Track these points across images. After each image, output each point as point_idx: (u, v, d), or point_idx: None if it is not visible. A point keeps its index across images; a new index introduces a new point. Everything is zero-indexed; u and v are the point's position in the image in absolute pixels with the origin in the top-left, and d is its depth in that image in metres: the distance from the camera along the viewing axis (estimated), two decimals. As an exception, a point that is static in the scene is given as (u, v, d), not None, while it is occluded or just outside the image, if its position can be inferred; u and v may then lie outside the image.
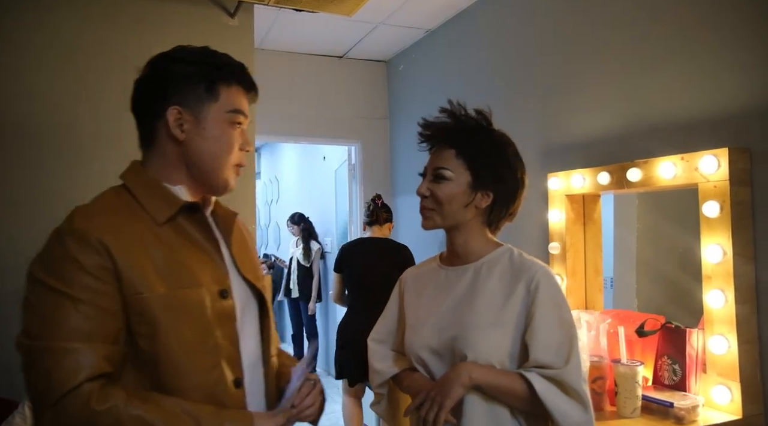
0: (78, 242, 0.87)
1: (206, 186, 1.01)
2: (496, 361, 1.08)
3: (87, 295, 0.85)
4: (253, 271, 1.06)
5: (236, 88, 1.00)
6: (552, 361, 1.05)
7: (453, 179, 1.13)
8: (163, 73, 0.97)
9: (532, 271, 1.11)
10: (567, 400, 1.04)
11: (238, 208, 2.31)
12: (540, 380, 1.04)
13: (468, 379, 1.05)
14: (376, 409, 1.33)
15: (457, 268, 1.19)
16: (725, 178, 1.53)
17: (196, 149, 0.97)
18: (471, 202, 1.13)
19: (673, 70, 1.80)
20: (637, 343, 1.72)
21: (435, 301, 1.18)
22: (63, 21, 2.06)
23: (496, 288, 1.12)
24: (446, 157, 1.14)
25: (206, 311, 0.93)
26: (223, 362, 0.94)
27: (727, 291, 1.53)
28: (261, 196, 7.17)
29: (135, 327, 0.89)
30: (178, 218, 0.97)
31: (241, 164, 1.02)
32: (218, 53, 1.01)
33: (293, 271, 5.04)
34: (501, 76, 2.68)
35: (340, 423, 3.71)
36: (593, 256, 2.13)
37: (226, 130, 0.98)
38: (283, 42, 3.45)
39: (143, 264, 0.89)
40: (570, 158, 2.20)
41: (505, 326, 1.09)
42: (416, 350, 1.17)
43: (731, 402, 1.51)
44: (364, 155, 3.80)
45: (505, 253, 1.17)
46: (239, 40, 2.35)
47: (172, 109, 0.95)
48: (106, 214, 0.92)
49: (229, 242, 1.04)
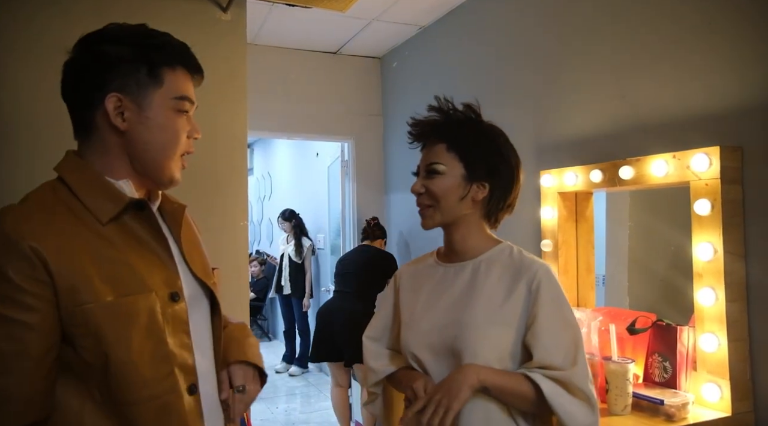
0: (6, 250, 0.78)
1: (150, 179, 0.93)
2: (494, 361, 1.06)
3: (12, 312, 0.77)
4: (203, 268, 1.00)
5: (181, 71, 0.91)
6: (558, 362, 1.03)
7: (446, 173, 1.11)
8: (97, 56, 0.87)
9: (533, 269, 1.09)
10: (574, 402, 1.02)
11: (229, 203, 2.31)
12: (546, 382, 1.02)
13: (476, 381, 1.03)
14: (370, 408, 1.30)
15: (455, 265, 1.17)
16: (716, 177, 1.54)
17: (139, 140, 0.88)
18: (467, 194, 1.11)
19: (666, 68, 1.81)
20: (628, 340, 1.72)
21: (432, 299, 1.16)
22: (52, 16, 2.03)
23: (496, 286, 1.10)
24: (438, 151, 1.13)
25: (157, 317, 0.86)
26: (177, 369, 0.88)
27: (717, 289, 1.53)
28: (254, 192, 7.14)
29: (78, 340, 0.81)
30: (124, 216, 0.88)
31: (188, 152, 0.95)
32: (157, 32, 0.92)
33: (284, 268, 5.03)
34: (494, 73, 2.67)
35: (332, 419, 3.72)
36: (585, 254, 2.14)
37: (171, 117, 0.90)
38: (276, 37, 3.43)
39: (86, 270, 0.82)
40: (562, 156, 2.20)
41: (505, 325, 1.07)
42: (412, 349, 1.14)
43: (721, 399, 1.52)
44: (357, 152, 3.79)
45: (505, 250, 1.15)
46: (232, 35, 2.33)
47: (110, 96, 0.86)
48: (41, 216, 0.83)
49: (179, 238, 0.97)
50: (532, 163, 2.37)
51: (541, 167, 2.25)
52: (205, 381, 0.95)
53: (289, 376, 4.96)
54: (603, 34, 2.05)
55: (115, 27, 0.91)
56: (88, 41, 0.90)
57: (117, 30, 0.90)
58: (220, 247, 2.18)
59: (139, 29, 0.91)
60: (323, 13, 2.95)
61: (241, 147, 2.29)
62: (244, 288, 2.30)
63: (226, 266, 2.16)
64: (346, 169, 3.89)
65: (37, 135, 1.96)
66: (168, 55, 0.90)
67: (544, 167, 2.23)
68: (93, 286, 0.82)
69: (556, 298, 1.08)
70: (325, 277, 5.00)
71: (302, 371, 5.03)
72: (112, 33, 0.89)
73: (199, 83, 0.97)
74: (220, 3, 2.31)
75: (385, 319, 1.28)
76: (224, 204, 2.22)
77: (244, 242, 2.28)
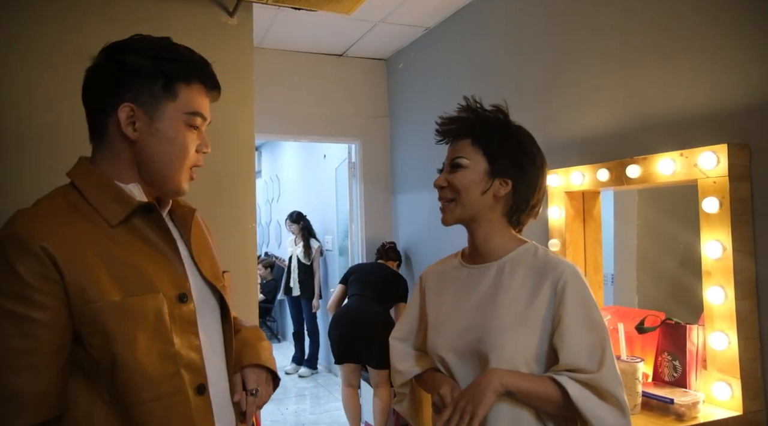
0: (17, 249, 0.80)
1: (157, 188, 0.95)
2: (521, 363, 1.05)
3: (25, 309, 0.79)
4: (212, 271, 1.01)
5: (197, 87, 0.93)
6: (585, 364, 1.02)
7: (469, 166, 1.11)
8: (117, 65, 0.89)
9: (559, 270, 1.07)
10: (602, 405, 1.01)
11: (238, 206, 2.32)
12: (573, 385, 1.00)
13: (500, 385, 1.02)
14: (398, 408, 1.30)
15: (479, 266, 1.16)
16: (724, 174, 1.53)
17: (147, 150, 0.90)
18: (489, 189, 1.10)
19: (673, 66, 1.80)
20: (637, 339, 1.72)
21: (457, 301, 1.15)
22: (59, 20, 2.06)
23: (521, 287, 1.09)
24: (462, 146, 1.13)
25: (164, 318, 0.88)
26: (183, 370, 0.89)
27: (727, 287, 1.53)
28: (262, 194, 7.18)
29: (87, 338, 0.83)
30: (133, 219, 0.90)
31: (197, 165, 0.96)
32: (179, 46, 0.93)
33: (293, 270, 5.05)
34: (500, 73, 2.67)
35: (341, 420, 3.73)
36: (593, 253, 2.13)
37: (182, 131, 0.92)
38: (282, 40, 3.44)
39: (95, 270, 0.83)
40: (569, 155, 2.20)
41: (531, 327, 1.06)
42: (438, 351, 1.14)
43: (732, 398, 1.51)
44: (364, 153, 3.80)
45: (529, 250, 1.14)
46: (238, 39, 2.35)
47: (124, 105, 0.88)
48: (52, 217, 0.85)
49: (188, 241, 0.98)
50: (538, 162, 2.37)
51: (547, 167, 2.24)
52: (216, 382, 0.96)
53: (299, 377, 4.97)
54: (609, 32, 2.05)
55: (138, 38, 0.93)
56: (112, 50, 0.92)
57: (140, 41, 0.92)
58: (228, 250, 2.20)
59: (161, 42, 0.93)
60: (329, 16, 2.97)
61: (248, 150, 2.30)
62: (253, 290, 2.31)
63: (234, 269, 2.17)
64: (354, 171, 3.90)
65: (39, 138, 1.98)
66: (185, 70, 0.92)
67: (550, 167, 2.21)
68: (101, 285, 0.84)
69: (582, 299, 1.06)
70: (334, 278, 5.01)
71: (311, 372, 5.04)
72: (135, 44, 0.92)
73: (216, 99, 0.98)
74: (227, 7, 2.32)
75: (411, 321, 1.28)
76: (232, 207, 2.24)
77: (252, 245, 2.29)
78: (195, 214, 1.04)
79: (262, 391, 1.02)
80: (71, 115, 2.06)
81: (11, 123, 1.97)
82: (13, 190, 1.88)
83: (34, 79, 1.99)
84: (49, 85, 2.01)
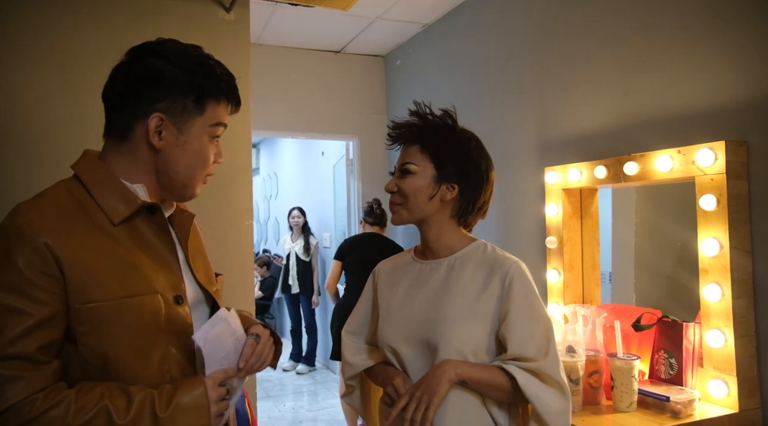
0: (19, 242, 0.80)
1: (172, 193, 0.97)
2: (468, 353, 1.10)
3: (23, 304, 0.79)
4: (206, 275, 1.03)
5: (224, 102, 0.96)
6: (531, 354, 1.08)
7: (418, 173, 1.15)
8: (151, 72, 0.90)
9: (506, 266, 1.13)
10: (547, 390, 1.08)
11: (234, 203, 2.31)
12: (521, 373, 1.07)
13: (454, 375, 1.07)
14: (347, 400, 1.35)
15: (430, 262, 1.21)
16: (722, 172, 1.53)
17: (171, 159, 0.92)
18: (435, 194, 1.15)
19: (670, 63, 1.80)
20: (634, 337, 1.72)
21: (409, 294, 1.20)
22: (55, 18, 2.05)
23: (470, 282, 1.14)
24: (411, 152, 1.18)
25: (160, 319, 0.88)
26: (176, 372, 0.90)
27: (723, 285, 1.52)
28: (260, 191, 7.17)
29: (81, 337, 0.83)
30: (135, 219, 0.91)
31: (209, 174, 0.99)
32: (212, 61, 0.95)
33: (292, 267, 5.04)
34: (497, 70, 2.67)
35: (339, 417, 3.73)
36: (590, 251, 2.13)
37: (205, 143, 0.94)
38: (279, 37, 3.43)
39: (96, 269, 0.84)
40: (567, 152, 2.20)
41: (480, 319, 1.11)
42: (389, 342, 1.18)
43: (728, 396, 1.51)
44: (361, 150, 3.80)
45: (479, 247, 1.19)
46: (235, 35, 2.34)
47: (154, 115, 0.89)
48: (56, 213, 0.85)
49: (185, 246, 1.00)
50: (536, 159, 2.36)
51: (545, 164, 2.24)
52: None
53: (297, 374, 4.97)
54: (606, 29, 2.04)
55: (172, 45, 0.93)
56: (145, 53, 0.92)
57: (174, 50, 0.92)
58: (225, 247, 2.19)
59: (195, 54, 0.94)
60: (326, 13, 2.96)
61: (245, 147, 2.30)
62: (249, 287, 2.31)
63: (231, 266, 2.16)
64: (351, 168, 3.90)
65: (41, 137, 1.97)
66: (216, 87, 0.94)
67: (548, 164, 2.22)
68: (102, 285, 0.84)
69: (527, 294, 1.12)
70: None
71: (309, 369, 5.04)
72: (170, 52, 0.92)
73: (235, 113, 1.00)
74: (224, 3, 2.31)
75: (363, 315, 1.32)
76: (229, 204, 2.23)
77: (249, 241, 2.28)
78: (194, 220, 1.06)
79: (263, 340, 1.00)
80: (66, 112, 2.06)
81: (5, 121, 1.95)
82: (11, 187, 1.87)
83: (28, 76, 1.98)
84: (43, 82, 2.00)
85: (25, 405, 0.78)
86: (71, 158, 0.97)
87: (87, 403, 0.80)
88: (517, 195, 2.49)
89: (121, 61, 0.93)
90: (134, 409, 0.81)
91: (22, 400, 0.77)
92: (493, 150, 1.24)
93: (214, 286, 1.04)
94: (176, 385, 0.87)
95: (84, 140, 1.08)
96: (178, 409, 0.84)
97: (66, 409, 0.79)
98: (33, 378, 0.79)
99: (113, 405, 0.80)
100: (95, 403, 0.80)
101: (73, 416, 0.79)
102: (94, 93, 2.17)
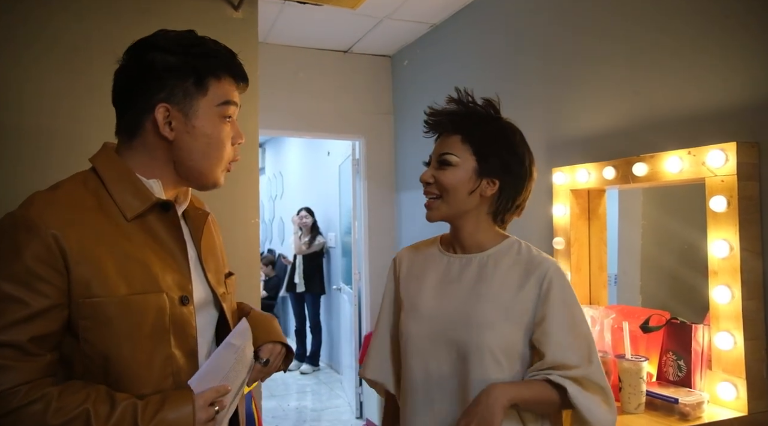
0: (28, 233, 0.80)
1: (194, 183, 0.95)
2: (502, 357, 1.05)
3: (24, 295, 0.78)
4: (216, 276, 1.01)
5: (227, 79, 0.93)
6: (574, 361, 1.03)
7: (458, 165, 1.09)
8: (146, 66, 0.89)
9: (544, 267, 1.08)
10: (593, 399, 1.03)
11: (241, 201, 2.31)
12: (570, 384, 1.02)
13: (507, 402, 1.00)
14: None
15: (460, 257, 1.15)
16: (733, 173, 1.52)
17: (185, 148, 0.90)
18: (476, 189, 1.09)
19: (680, 63, 1.78)
20: (642, 338, 1.70)
21: (438, 291, 1.14)
22: (65, 16, 2.05)
23: (505, 282, 1.09)
24: (452, 142, 1.11)
25: (164, 319, 0.87)
26: (178, 372, 0.88)
27: (733, 286, 1.51)
28: (265, 191, 7.18)
29: (83, 332, 0.82)
30: (148, 215, 0.90)
31: (235, 159, 0.96)
32: (205, 40, 0.93)
33: (298, 266, 5.05)
34: (505, 70, 2.66)
35: (343, 417, 3.73)
36: (598, 252, 2.12)
37: (217, 126, 0.92)
38: (287, 36, 3.43)
39: (103, 264, 0.83)
40: (575, 153, 2.19)
41: (514, 322, 1.06)
42: (414, 338, 1.13)
43: (737, 399, 1.50)
44: (368, 150, 3.79)
45: (513, 245, 1.14)
46: (244, 34, 2.34)
47: (160, 106, 0.88)
48: (68, 205, 0.85)
49: (198, 244, 0.98)
50: (544, 160, 2.35)
51: (553, 164, 2.23)
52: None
53: (301, 373, 4.98)
54: (616, 29, 2.03)
55: (162, 35, 0.92)
56: (137, 49, 0.91)
57: (165, 38, 0.91)
58: (231, 245, 2.18)
59: (187, 37, 0.92)
60: (334, 12, 2.96)
61: (252, 145, 2.30)
62: (255, 285, 2.31)
63: (237, 264, 2.16)
64: (357, 168, 3.89)
65: (54, 135, 1.98)
66: (215, 64, 0.91)
67: (556, 164, 2.21)
68: (107, 280, 0.83)
69: (567, 297, 1.07)
70: (336, 275, 5.01)
71: (313, 369, 5.04)
72: (161, 41, 0.90)
73: (244, 90, 0.97)
74: (232, 1, 2.32)
75: (387, 314, 1.25)
76: (236, 201, 2.23)
77: (255, 239, 2.29)
78: (209, 217, 1.04)
79: (272, 360, 1.06)
80: (74, 109, 2.07)
81: (13, 118, 1.96)
82: (12, 185, 1.87)
83: (35, 73, 1.98)
84: (52, 80, 2.00)
85: (7, 395, 0.77)
86: (81, 156, 0.97)
87: (69, 404, 0.78)
88: (524, 195, 2.48)
89: (120, 64, 0.93)
90: (116, 417, 0.79)
91: (6, 389, 0.77)
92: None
93: (222, 289, 1.02)
94: (165, 397, 0.84)
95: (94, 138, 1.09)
96: (161, 424, 0.81)
97: (46, 406, 0.77)
98: (21, 369, 0.78)
99: (95, 410, 0.79)
100: (77, 405, 0.78)
101: (51, 415, 0.77)
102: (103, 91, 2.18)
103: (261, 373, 1.03)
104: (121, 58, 0.92)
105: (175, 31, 0.93)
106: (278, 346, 1.07)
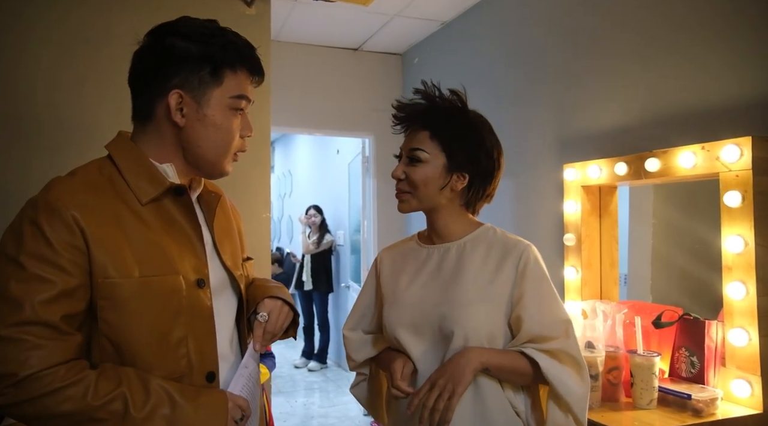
0: (49, 215, 0.81)
1: (201, 171, 0.96)
2: (485, 338, 1.08)
3: (51, 274, 0.80)
4: (233, 258, 1.02)
5: (242, 72, 0.94)
6: (551, 333, 1.06)
7: (428, 161, 1.11)
8: (165, 50, 0.90)
9: (519, 249, 1.11)
10: (568, 372, 1.06)
11: (253, 196, 2.32)
12: (542, 357, 1.05)
13: (479, 364, 1.04)
14: (354, 392, 1.32)
15: (438, 246, 1.18)
16: (748, 168, 1.50)
17: (194, 135, 0.91)
18: (446, 184, 1.12)
19: (693, 57, 1.77)
20: (654, 334, 1.69)
21: (417, 279, 1.17)
22: (82, 10, 2.07)
23: (483, 265, 1.12)
24: (421, 138, 1.13)
25: (181, 301, 0.88)
26: (194, 355, 0.89)
27: (748, 282, 1.50)
28: (274, 189, 7.20)
29: (102, 313, 0.84)
30: (163, 199, 0.91)
31: (242, 150, 0.97)
32: (226, 31, 0.93)
33: (306, 263, 5.06)
34: (516, 67, 2.65)
35: (351, 414, 3.73)
36: (609, 248, 2.11)
37: (228, 117, 0.92)
38: (298, 34, 3.45)
39: (119, 246, 0.84)
40: (586, 148, 2.18)
41: (494, 303, 1.09)
42: (395, 328, 1.14)
43: (751, 396, 1.49)
44: (377, 148, 3.79)
45: (488, 230, 1.17)
46: (256, 30, 2.35)
47: (173, 92, 0.89)
48: (86, 189, 0.87)
49: (212, 227, 0.99)
50: (555, 156, 2.35)
51: (564, 160, 2.22)
52: (226, 369, 0.96)
53: (308, 371, 4.99)
54: (628, 24, 2.02)
55: (185, 21, 0.93)
56: (158, 33, 0.92)
57: (187, 25, 0.92)
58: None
59: (209, 27, 0.93)
60: (345, 10, 2.97)
61: (264, 141, 2.31)
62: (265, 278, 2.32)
63: (248, 257, 2.17)
64: (367, 166, 3.90)
65: (72, 127, 2.00)
66: (232, 56, 0.92)
67: (567, 160, 2.20)
68: (124, 262, 0.85)
69: (542, 276, 1.11)
70: (345, 273, 5.02)
71: (321, 367, 5.05)
72: (183, 28, 0.91)
73: (259, 84, 0.98)
74: (245, -2, 2.33)
75: (363, 307, 1.28)
76: (247, 197, 2.24)
77: (266, 234, 2.30)
78: (222, 198, 1.05)
79: (273, 317, 1.01)
80: (92, 101, 2.08)
81: (28, 110, 1.98)
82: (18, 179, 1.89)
83: (51, 66, 2.00)
84: (70, 73, 2.02)
85: (47, 375, 0.78)
86: (99, 148, 0.98)
87: (106, 387, 0.80)
88: (535, 191, 2.48)
89: (140, 45, 0.93)
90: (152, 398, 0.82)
91: (44, 369, 0.78)
92: (511, 146, 1.23)
93: (239, 270, 1.02)
94: (199, 389, 0.88)
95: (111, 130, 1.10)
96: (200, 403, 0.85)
97: (86, 388, 0.79)
98: (57, 347, 0.79)
99: (130, 391, 0.81)
100: (114, 387, 0.80)
101: (92, 397, 0.79)
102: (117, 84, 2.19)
103: (260, 329, 0.99)
104: (142, 39, 0.93)
105: (199, 20, 0.94)
106: (279, 301, 1.03)
